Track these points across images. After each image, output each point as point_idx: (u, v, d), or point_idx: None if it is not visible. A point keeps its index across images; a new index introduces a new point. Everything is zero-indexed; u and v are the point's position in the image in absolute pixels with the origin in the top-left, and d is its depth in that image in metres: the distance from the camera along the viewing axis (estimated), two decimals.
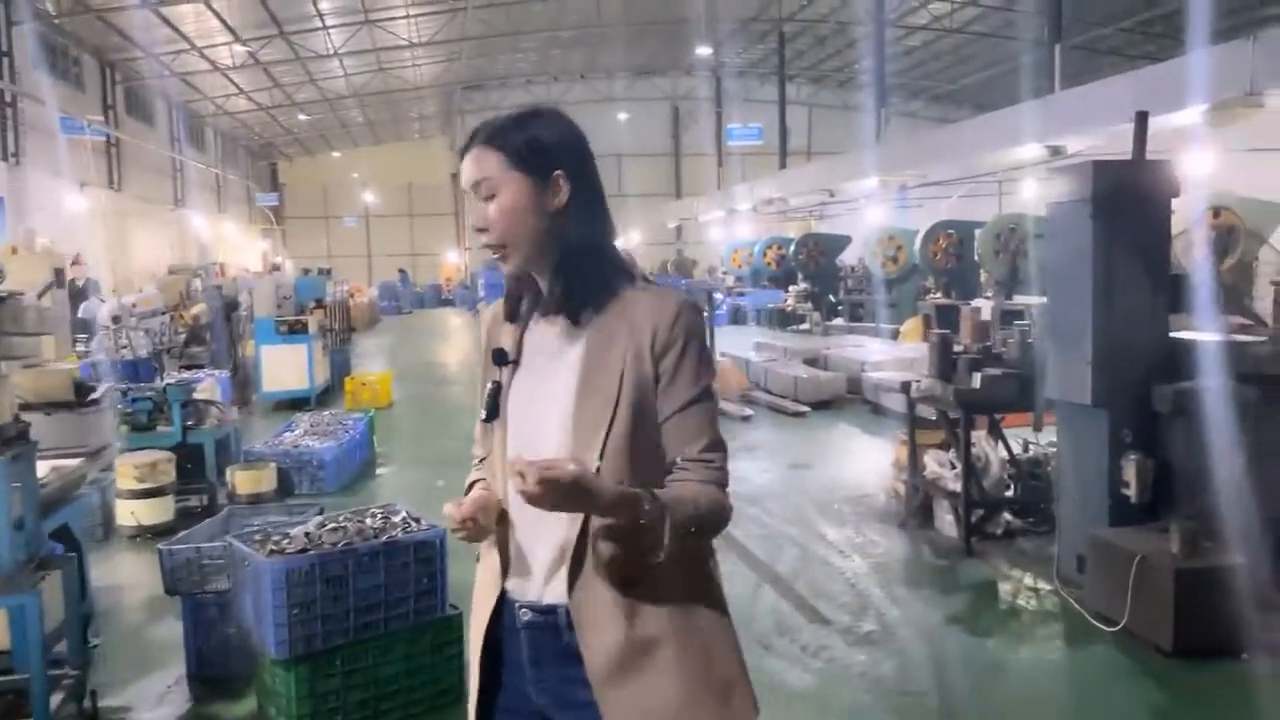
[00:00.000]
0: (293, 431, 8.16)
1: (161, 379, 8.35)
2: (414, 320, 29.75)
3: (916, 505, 6.13)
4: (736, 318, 22.69)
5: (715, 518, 1.57)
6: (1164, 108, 8.99)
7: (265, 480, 7.09)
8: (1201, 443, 4.49)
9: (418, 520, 3.99)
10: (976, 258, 14.24)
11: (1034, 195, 15.42)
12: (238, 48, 24.57)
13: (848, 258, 21.42)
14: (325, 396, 11.90)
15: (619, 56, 31.95)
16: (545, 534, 1.58)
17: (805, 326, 19.76)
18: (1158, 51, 23.89)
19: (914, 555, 5.64)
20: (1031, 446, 6.41)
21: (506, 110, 1.77)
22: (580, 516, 1.53)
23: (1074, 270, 4.75)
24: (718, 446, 1.60)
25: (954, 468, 5.85)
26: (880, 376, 10.10)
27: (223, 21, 22.46)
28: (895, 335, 15.02)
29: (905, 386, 6.03)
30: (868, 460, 8.03)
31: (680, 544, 1.48)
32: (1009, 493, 5.96)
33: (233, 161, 36.60)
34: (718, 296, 22.14)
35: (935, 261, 15.32)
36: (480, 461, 1.77)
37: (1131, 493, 4.62)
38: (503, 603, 1.65)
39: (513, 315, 1.71)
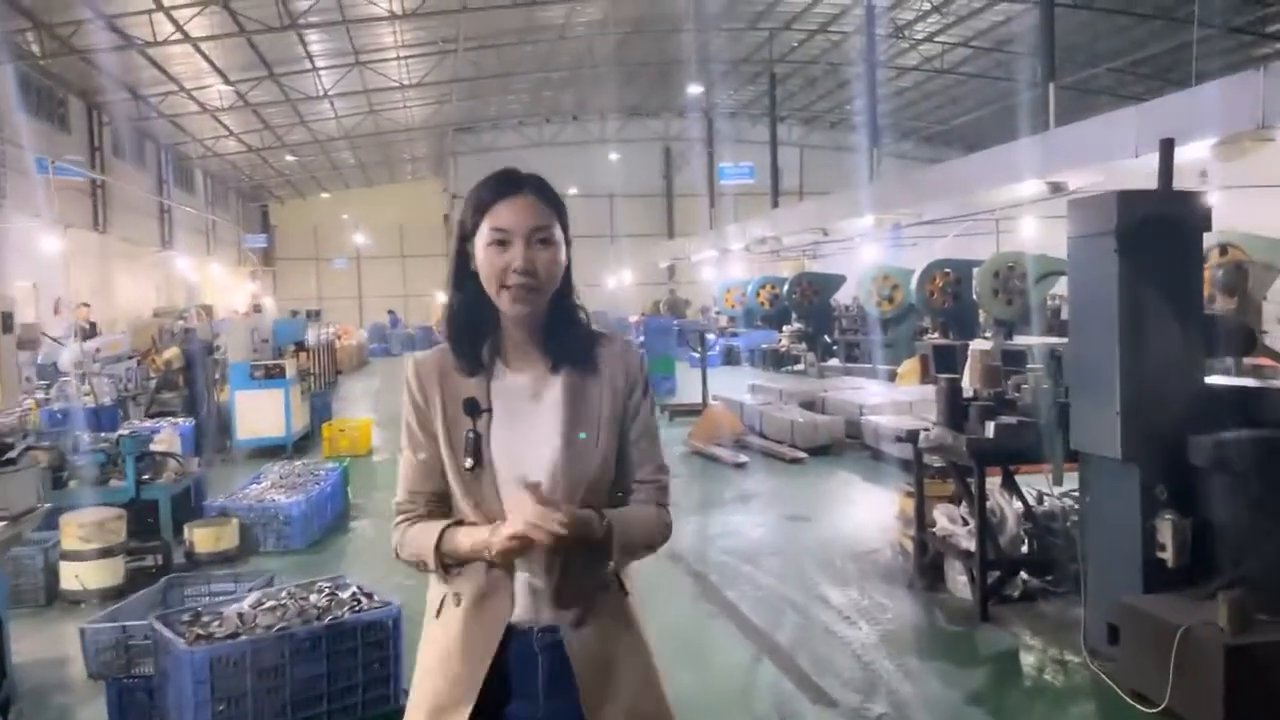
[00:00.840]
0: (260, 483, 7.67)
1: (126, 428, 7.89)
2: (402, 363, 29.26)
3: (926, 564, 5.65)
4: (730, 358, 22.29)
5: (660, 534, 1.84)
6: None
7: (226, 537, 6.61)
8: (1245, 500, 4.05)
9: (369, 596, 3.51)
10: (975, 297, 13.86)
11: (1033, 233, 15.11)
12: (227, 90, 24.34)
13: (842, 297, 21.06)
14: (304, 443, 11.42)
15: (611, 98, 31.83)
16: (547, 566, 1.73)
17: (800, 367, 19.35)
18: (1145, 92, 23.84)
19: (925, 621, 5.15)
20: (1046, 498, 5.96)
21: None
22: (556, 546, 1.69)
23: (1098, 310, 4.33)
24: (664, 469, 1.88)
25: (966, 524, 5.38)
26: (879, 421, 9.65)
27: (211, 63, 22.23)
28: (892, 377, 14.60)
29: (913, 436, 5.57)
30: (870, 511, 7.55)
31: (631, 556, 1.79)
32: (1024, 549, 5.50)
33: (223, 203, 36.28)
34: (709, 337, 21.78)
35: (932, 301, 14.94)
36: (423, 514, 1.84)
37: (1168, 556, 4.15)
38: (509, 638, 1.73)
39: (474, 366, 1.79)
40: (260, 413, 10.78)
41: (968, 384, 13.59)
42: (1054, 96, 14.48)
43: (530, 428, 1.77)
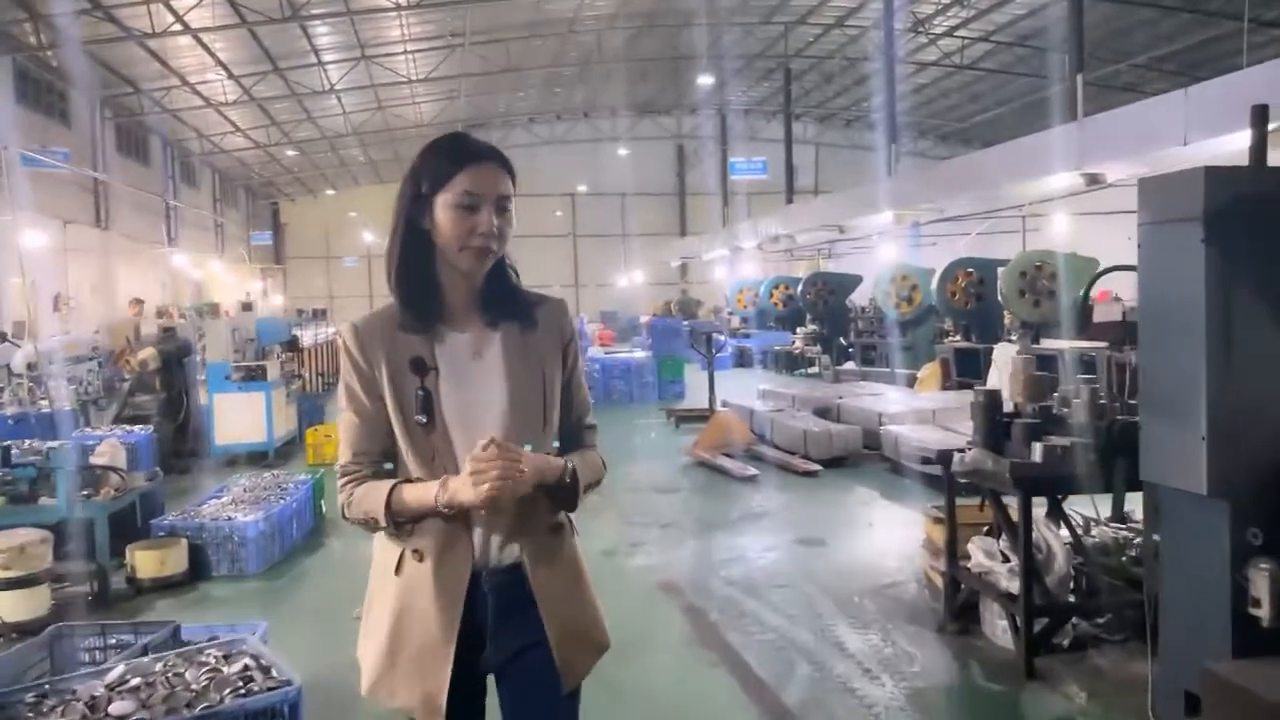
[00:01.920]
0: (221, 497, 6.95)
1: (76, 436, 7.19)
2: None
3: (959, 605, 4.85)
4: (742, 360, 21.50)
5: (600, 474, 2.00)
6: (1221, 128, 7.83)
7: (171, 560, 5.89)
8: None
9: (266, 670, 2.75)
10: (1000, 298, 13.02)
11: (1065, 229, 14.25)
12: (231, 84, 23.73)
13: (858, 298, 20.23)
14: (290, 449, 10.71)
15: (622, 94, 31.07)
16: (503, 513, 1.83)
17: (814, 370, 18.54)
18: (1170, 89, 22.92)
19: (960, 677, 4.35)
20: (1096, 527, 5.17)
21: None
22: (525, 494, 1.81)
23: (1179, 312, 3.52)
24: (592, 412, 2.06)
25: (1006, 560, 4.59)
26: (900, 431, 8.85)
27: (214, 56, 21.60)
28: (912, 382, 13.78)
29: (945, 458, 4.77)
30: (892, 535, 6.76)
31: (585, 494, 1.93)
32: (1073, 587, 4.70)
33: (232, 200, 35.72)
34: (719, 338, 21.03)
35: (953, 302, 14.10)
36: (369, 475, 1.87)
37: (1263, 613, 3.35)
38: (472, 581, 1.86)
39: (425, 323, 1.85)
40: (241, 417, 10.08)
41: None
42: (1083, 87, 13.64)
43: (476, 384, 1.86)
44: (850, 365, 16.69)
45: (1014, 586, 4.38)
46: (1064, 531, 4.80)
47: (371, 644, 1.89)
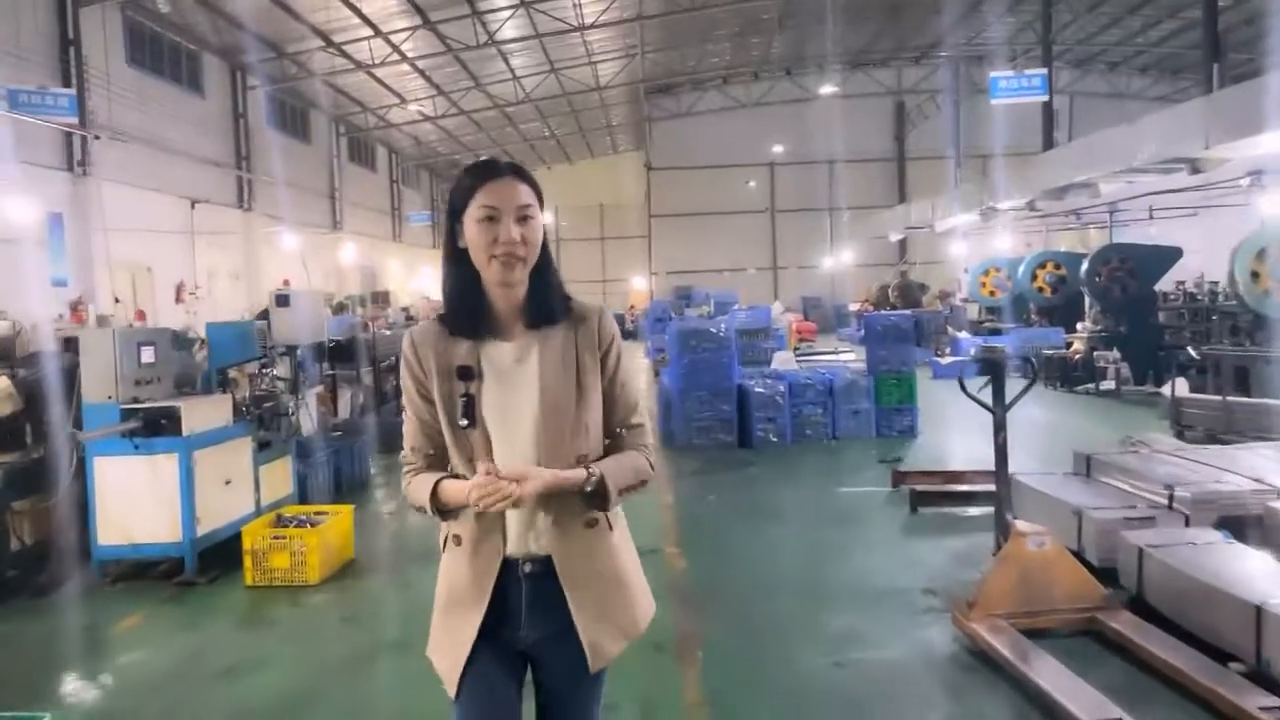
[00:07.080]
0: None
1: None
2: None
3: None
4: (987, 366, 15.28)
5: (643, 475, 1.96)
6: None
7: None
8: None
9: None
10: None
11: None
12: (379, 43, 19.96)
13: (1167, 282, 13.60)
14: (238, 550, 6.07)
15: (831, 43, 25.04)
16: (533, 507, 1.87)
17: (1108, 385, 12.22)
18: None
19: None
20: None
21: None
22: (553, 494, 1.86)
23: None
24: (641, 412, 2.02)
25: None
26: None
27: (355, 9, 17.77)
28: None
29: None
30: None
31: (621, 496, 1.92)
32: None
33: (414, 182, 32.67)
34: (961, 337, 14.96)
35: None
36: (423, 466, 1.95)
37: None
38: (503, 567, 1.90)
39: (469, 334, 1.89)
40: (139, 498, 5.55)
41: None
42: None
43: (515, 388, 1.89)
44: (1180, 387, 10.24)
45: None
46: None
47: (435, 610, 1.98)
